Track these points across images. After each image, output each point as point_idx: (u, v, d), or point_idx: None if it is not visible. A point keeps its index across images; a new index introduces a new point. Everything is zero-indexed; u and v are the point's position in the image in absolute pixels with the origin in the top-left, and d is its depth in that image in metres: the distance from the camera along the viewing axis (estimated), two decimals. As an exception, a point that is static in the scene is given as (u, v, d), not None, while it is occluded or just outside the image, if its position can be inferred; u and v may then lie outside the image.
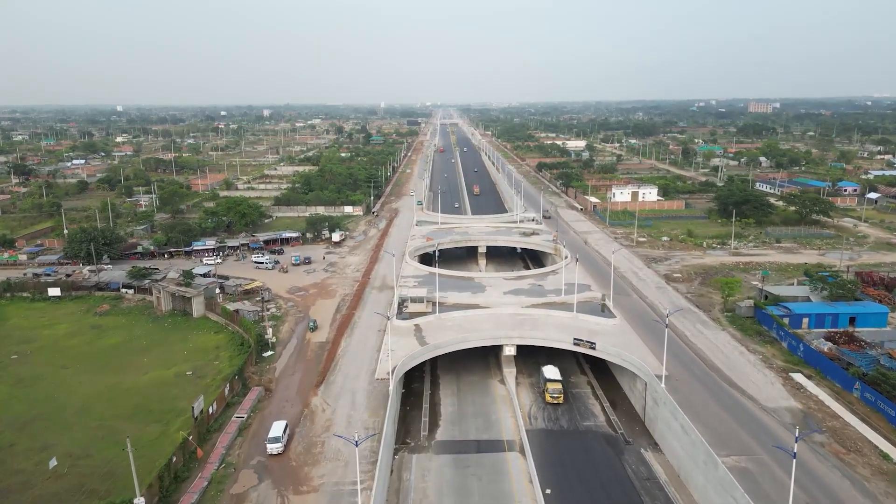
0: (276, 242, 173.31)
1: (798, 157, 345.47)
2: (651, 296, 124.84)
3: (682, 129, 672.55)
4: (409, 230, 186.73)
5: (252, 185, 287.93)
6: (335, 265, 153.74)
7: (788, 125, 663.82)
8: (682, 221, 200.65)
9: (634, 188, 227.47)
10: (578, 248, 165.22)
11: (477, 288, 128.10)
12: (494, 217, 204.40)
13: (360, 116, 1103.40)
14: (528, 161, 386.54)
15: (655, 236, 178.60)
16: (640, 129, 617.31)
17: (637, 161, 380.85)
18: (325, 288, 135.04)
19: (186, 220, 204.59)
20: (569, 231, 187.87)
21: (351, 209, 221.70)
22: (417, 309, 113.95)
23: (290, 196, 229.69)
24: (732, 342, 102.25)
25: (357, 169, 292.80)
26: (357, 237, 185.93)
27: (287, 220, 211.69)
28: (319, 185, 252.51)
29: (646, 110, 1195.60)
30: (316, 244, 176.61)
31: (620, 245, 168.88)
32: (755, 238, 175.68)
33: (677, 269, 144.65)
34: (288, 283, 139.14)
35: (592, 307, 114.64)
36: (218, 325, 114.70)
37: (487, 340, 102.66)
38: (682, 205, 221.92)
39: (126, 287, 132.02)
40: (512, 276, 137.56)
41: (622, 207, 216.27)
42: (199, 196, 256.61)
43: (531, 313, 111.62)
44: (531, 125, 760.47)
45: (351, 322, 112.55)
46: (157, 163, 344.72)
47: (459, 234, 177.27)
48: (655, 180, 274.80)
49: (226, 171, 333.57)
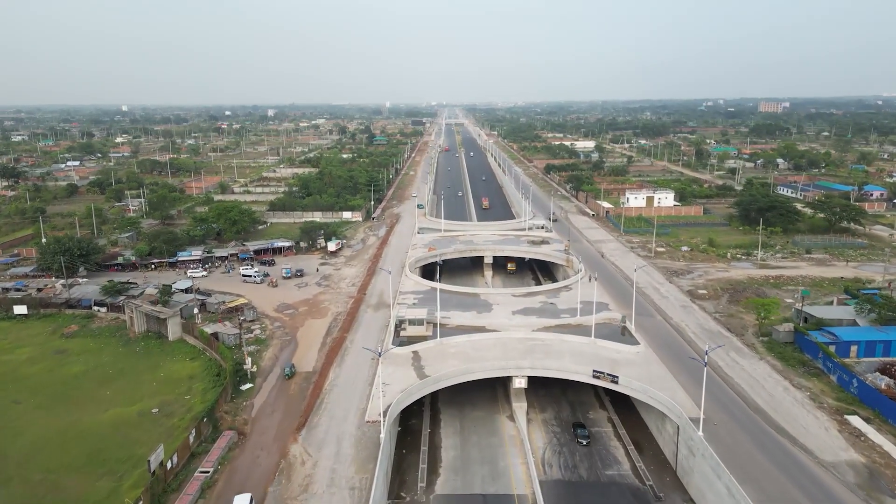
0: (267, 252, 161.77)
1: (817, 159, 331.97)
2: (676, 316, 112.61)
3: (692, 129, 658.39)
4: (410, 238, 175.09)
5: (249, 189, 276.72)
6: (329, 278, 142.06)
7: (801, 125, 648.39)
8: (701, 229, 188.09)
9: (650, 193, 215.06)
10: (592, 259, 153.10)
11: (483, 306, 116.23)
12: (501, 224, 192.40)
13: (365, 116, 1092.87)
14: (536, 163, 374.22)
15: (674, 246, 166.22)
16: (650, 129, 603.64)
17: (648, 163, 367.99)
18: (317, 305, 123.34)
19: (174, 227, 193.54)
20: (581, 239, 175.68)
21: (350, 215, 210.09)
22: (416, 332, 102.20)
23: (285, 201, 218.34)
24: (774, 375, 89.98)
25: (358, 171, 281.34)
26: (355, 246, 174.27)
27: (282, 227, 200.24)
28: (318, 189, 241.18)
29: (653, 110, 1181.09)
30: (310, 254, 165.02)
31: (637, 256, 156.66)
32: (782, 248, 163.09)
33: (701, 285, 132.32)
34: (277, 298, 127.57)
35: (612, 330, 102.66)
36: (195, 349, 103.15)
37: (495, 371, 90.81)
38: (700, 210, 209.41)
39: (98, 305, 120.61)
40: (521, 292, 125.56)
41: (637, 213, 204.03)
42: (193, 200, 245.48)
43: (543, 338, 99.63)
44: (537, 125, 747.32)
45: (342, 348, 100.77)
46: (152, 165, 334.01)
47: (464, 242, 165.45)
48: (670, 184, 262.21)
49: (222, 173, 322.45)
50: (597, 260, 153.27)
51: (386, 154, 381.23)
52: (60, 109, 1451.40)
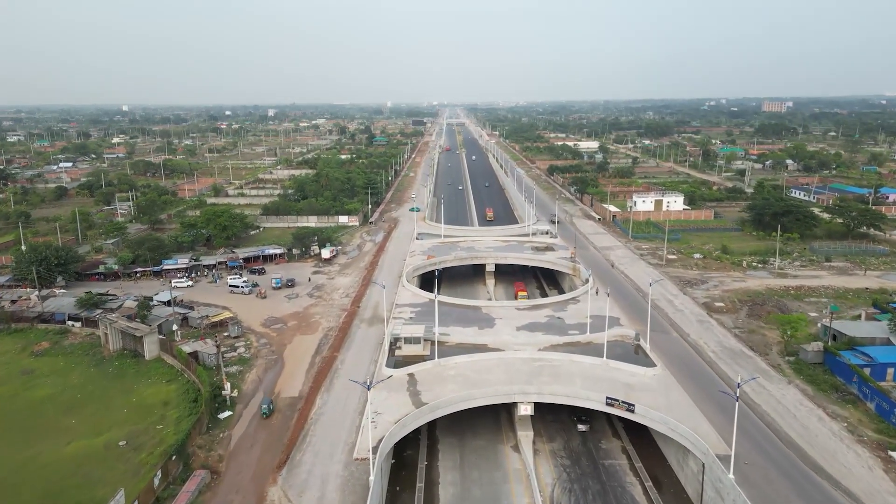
0: (257, 260, 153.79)
1: (827, 160, 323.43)
2: (693, 333, 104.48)
3: (696, 129, 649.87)
4: (408, 244, 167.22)
5: (243, 191, 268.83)
6: (322, 289, 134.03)
7: (807, 125, 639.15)
8: (713, 234, 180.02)
9: (658, 196, 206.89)
10: (600, 267, 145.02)
11: (485, 321, 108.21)
12: (504, 229, 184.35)
13: (366, 116, 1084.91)
14: (538, 164, 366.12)
15: (686, 253, 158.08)
16: (654, 129, 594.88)
17: (654, 164, 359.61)
18: (307, 319, 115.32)
19: (164, 231, 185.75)
20: (588, 246, 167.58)
21: (346, 219, 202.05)
22: (413, 352, 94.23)
23: (279, 205, 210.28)
24: (805, 402, 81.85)
25: (356, 173, 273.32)
26: (350, 252, 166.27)
27: (276, 232, 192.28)
28: (314, 192, 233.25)
29: (656, 109, 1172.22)
30: (303, 261, 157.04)
31: (648, 264, 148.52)
32: (800, 255, 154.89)
33: (718, 296, 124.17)
34: (265, 311, 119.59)
35: (625, 349, 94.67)
36: (173, 370, 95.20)
37: (498, 397, 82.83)
38: (710, 215, 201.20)
39: (73, 319, 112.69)
40: (526, 305, 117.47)
41: (645, 218, 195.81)
42: (185, 203, 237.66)
43: (551, 359, 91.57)
44: (539, 125, 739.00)
45: (331, 369, 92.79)
46: (146, 166, 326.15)
47: (465, 249, 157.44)
48: (678, 186, 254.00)
49: (216, 174, 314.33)
50: (605, 269, 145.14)
51: (385, 155, 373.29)
52: (60, 109, 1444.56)
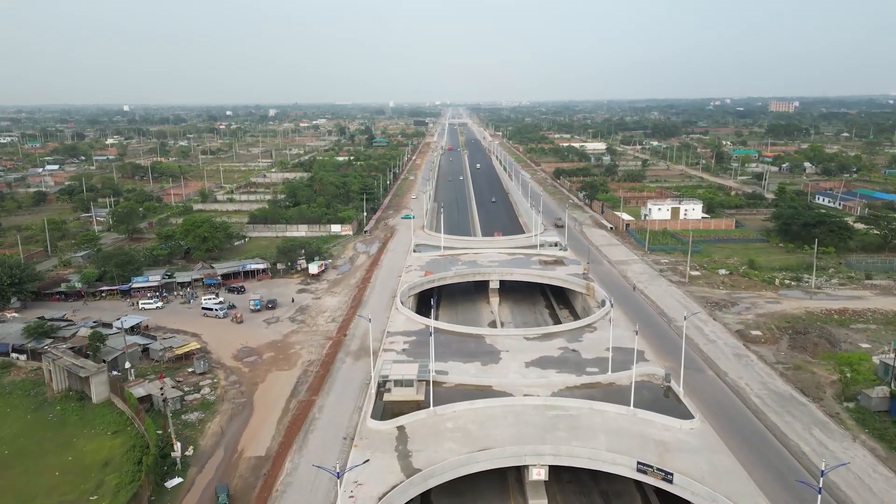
0: (237, 277, 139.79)
1: (848, 163, 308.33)
2: (732, 371, 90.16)
3: (704, 129, 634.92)
4: (405, 257, 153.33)
5: (233, 196, 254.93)
6: (306, 311, 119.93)
7: (817, 126, 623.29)
8: (735, 246, 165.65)
9: (675, 203, 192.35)
10: (616, 285, 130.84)
11: (489, 355, 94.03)
12: (509, 240, 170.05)
13: (367, 116, 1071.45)
14: (544, 166, 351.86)
15: (710, 268, 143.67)
16: (661, 129, 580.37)
17: (664, 166, 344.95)
18: (286, 350, 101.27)
19: (141, 243, 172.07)
20: (601, 260, 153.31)
21: (339, 228, 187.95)
22: (404, 396, 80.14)
23: (268, 213, 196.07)
24: (878, 466, 67.49)
25: (352, 177, 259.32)
26: (341, 267, 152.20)
27: (263, 242, 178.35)
28: (307, 198, 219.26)
29: (660, 109, 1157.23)
30: (289, 277, 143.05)
31: (669, 282, 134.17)
32: (836, 272, 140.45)
33: (752, 322, 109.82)
34: (239, 339, 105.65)
35: (653, 393, 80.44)
36: (122, 417, 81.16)
37: (506, 459, 68.64)
38: (731, 223, 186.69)
39: (17, 351, 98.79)
40: (535, 334, 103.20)
41: (661, 227, 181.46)
42: (169, 210, 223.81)
43: (568, 407, 77.30)
44: (543, 125, 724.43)
45: (307, 418, 78.74)
46: (134, 169, 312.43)
47: (466, 263, 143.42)
48: (693, 191, 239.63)
49: (207, 178, 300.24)
50: (622, 287, 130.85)
51: (385, 157, 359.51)
52: (61, 109, 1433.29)
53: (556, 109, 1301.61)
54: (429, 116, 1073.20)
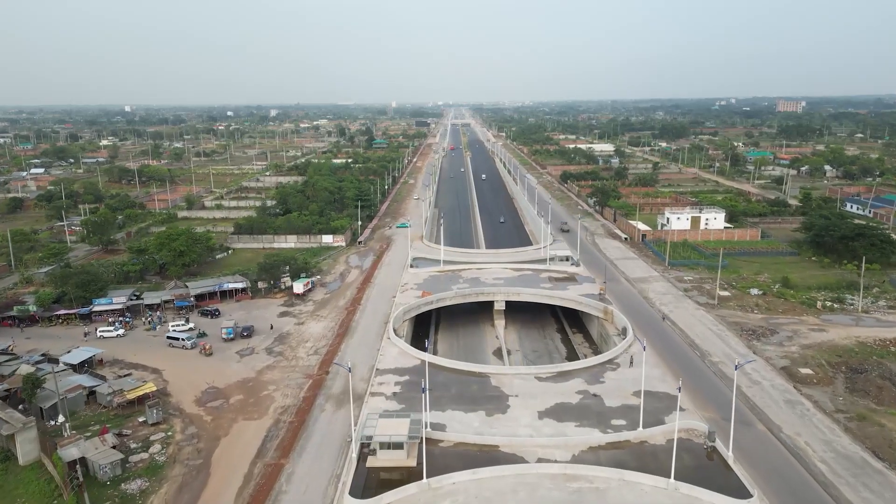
0: (213, 297, 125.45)
1: (871, 166, 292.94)
2: (786, 424, 75.47)
3: (712, 129, 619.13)
4: (401, 272, 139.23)
5: (222, 202, 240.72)
6: (286, 340, 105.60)
7: (828, 126, 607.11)
8: (764, 260, 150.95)
9: (695, 211, 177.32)
10: (637, 309, 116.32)
11: (495, 400, 79.74)
12: (515, 252, 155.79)
13: (369, 117, 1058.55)
14: (550, 169, 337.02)
15: (741, 287, 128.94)
16: (669, 130, 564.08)
17: (676, 169, 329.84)
18: (257, 391, 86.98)
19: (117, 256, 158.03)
20: (618, 277, 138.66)
21: (331, 239, 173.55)
22: (392, 460, 65.93)
23: (254, 222, 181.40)
24: None
25: (348, 182, 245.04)
26: (331, 284, 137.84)
27: (248, 255, 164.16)
28: (298, 205, 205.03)
29: (666, 109, 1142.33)
30: (271, 297, 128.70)
31: (696, 304, 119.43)
32: (880, 291, 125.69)
33: (798, 356, 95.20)
34: (206, 376, 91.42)
35: (695, 455, 66.14)
36: (52, 485, 66.86)
37: (517, 557, 54.47)
38: (757, 234, 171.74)
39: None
40: (549, 372, 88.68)
41: (681, 238, 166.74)
42: (152, 217, 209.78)
43: (593, 478, 62.86)
44: (547, 126, 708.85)
45: (272, 490, 64.34)
46: (121, 173, 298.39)
47: (468, 281, 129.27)
48: (710, 197, 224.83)
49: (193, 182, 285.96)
50: (644, 311, 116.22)
51: (384, 159, 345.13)
52: (62, 110, 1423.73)
53: (559, 109, 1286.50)
54: (431, 117, 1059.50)
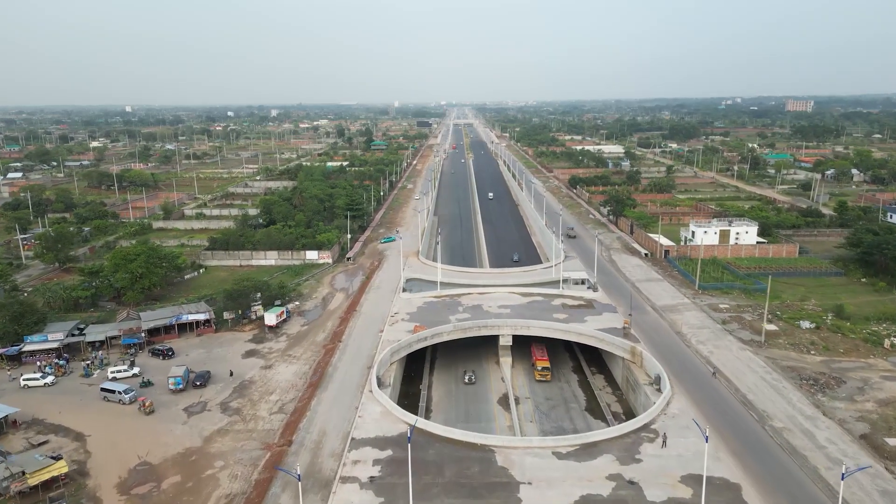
0: (170, 331, 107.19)
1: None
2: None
3: (723, 129, 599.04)
4: (391, 298, 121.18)
5: (205, 210, 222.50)
6: (247, 391, 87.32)
7: (842, 126, 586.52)
8: (808, 282, 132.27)
9: (723, 224, 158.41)
10: (670, 347, 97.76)
11: (501, 490, 61.60)
12: (523, 273, 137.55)
13: (371, 116, 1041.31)
14: (557, 172, 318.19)
15: (788, 319, 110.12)
16: (678, 130, 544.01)
17: (691, 173, 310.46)
18: (199, 471, 68.63)
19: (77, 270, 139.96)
20: (643, 304, 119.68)
21: (316, 255, 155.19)
22: None
23: (230, 236, 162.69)
24: None
25: (341, 187, 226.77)
26: (309, 312, 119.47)
27: (222, 274, 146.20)
28: (284, 215, 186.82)
29: (672, 109, 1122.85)
30: (238, 330, 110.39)
31: (740, 342, 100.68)
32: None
33: (874, 415, 76.59)
34: (140, 444, 73.19)
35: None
36: None
37: None
38: (794, 250, 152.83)
39: None
40: (571, 445, 70.15)
41: (707, 254, 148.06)
42: (124, 229, 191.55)
43: None
44: (552, 126, 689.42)
45: None
46: (100, 178, 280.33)
47: (469, 309, 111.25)
48: (734, 205, 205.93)
49: (175, 187, 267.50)
50: (681, 353, 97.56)
51: (382, 162, 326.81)
52: (62, 110, 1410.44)
53: (563, 109, 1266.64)
54: (433, 117, 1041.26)
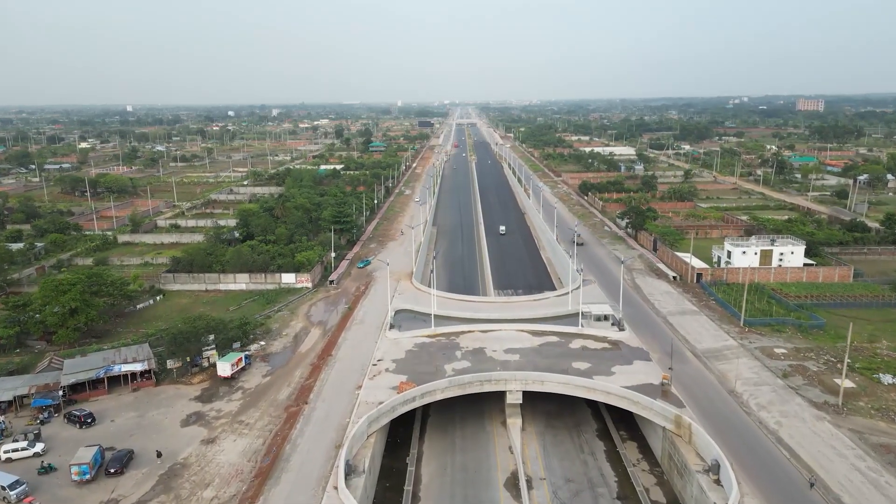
0: (97, 387, 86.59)
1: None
2: None
3: (735, 130, 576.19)
4: (377, 336, 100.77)
5: (179, 222, 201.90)
6: (176, 482, 66.63)
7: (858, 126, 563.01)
8: (871, 314, 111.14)
9: (765, 243, 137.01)
10: (727, 419, 76.73)
11: None
12: (533, 302, 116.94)
13: (373, 116, 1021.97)
14: (566, 177, 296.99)
15: (862, 369, 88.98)
16: (690, 131, 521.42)
17: (710, 177, 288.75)
18: None
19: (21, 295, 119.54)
20: (680, 347, 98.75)
21: (294, 278, 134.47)
22: None
23: (196, 256, 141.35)
24: None
25: (331, 195, 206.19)
26: (276, 356, 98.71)
27: (184, 301, 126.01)
28: (264, 228, 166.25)
29: (679, 108, 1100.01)
30: (184, 383, 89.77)
31: (812, 406, 79.53)
32: None
33: None
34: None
35: None
36: None
37: None
38: (847, 274, 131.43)
39: None
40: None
41: (747, 278, 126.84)
42: (85, 244, 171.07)
43: None
44: (558, 126, 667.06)
45: None
46: (74, 183, 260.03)
47: (469, 354, 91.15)
48: (759, 213, 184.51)
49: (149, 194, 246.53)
50: (739, 424, 76.52)
51: (379, 165, 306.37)
52: (63, 110, 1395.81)
53: (568, 108, 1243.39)
54: (436, 116, 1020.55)
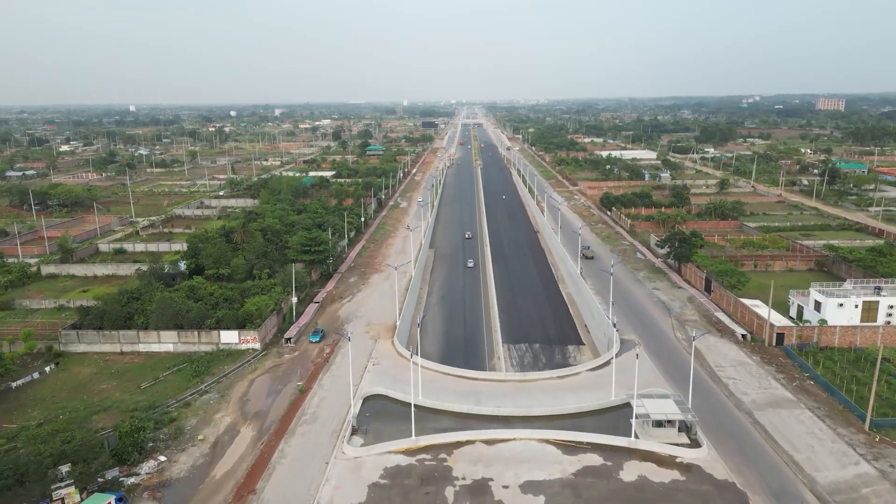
0: None
1: None
2: None
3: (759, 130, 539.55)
4: (332, 446, 68.09)
5: (127, 245, 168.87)
6: None
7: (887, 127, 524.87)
8: None
9: (868, 292, 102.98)
10: None
11: None
12: (558, 380, 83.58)
13: (377, 116, 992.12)
14: (582, 186, 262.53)
15: None
16: (712, 132, 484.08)
17: (747, 188, 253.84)
18: None
19: None
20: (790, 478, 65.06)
21: (237, 337, 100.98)
22: None
23: (112, 305, 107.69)
24: None
25: (311, 212, 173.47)
26: (175, 485, 65.23)
27: (87, 371, 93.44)
28: (215, 259, 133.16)
29: (690, 107, 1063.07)
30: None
31: None
32: None
33: None
34: None
35: None
36: None
37: None
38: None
39: None
40: None
41: (846, 339, 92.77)
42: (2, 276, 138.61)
43: None
44: (568, 126, 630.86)
45: None
46: (22, 196, 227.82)
47: (464, 492, 58.04)
48: (816, 232, 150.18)
49: (96, 210, 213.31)
50: None
51: (375, 171, 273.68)
52: (64, 110, 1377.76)
53: (577, 108, 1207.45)
54: (442, 116, 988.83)
